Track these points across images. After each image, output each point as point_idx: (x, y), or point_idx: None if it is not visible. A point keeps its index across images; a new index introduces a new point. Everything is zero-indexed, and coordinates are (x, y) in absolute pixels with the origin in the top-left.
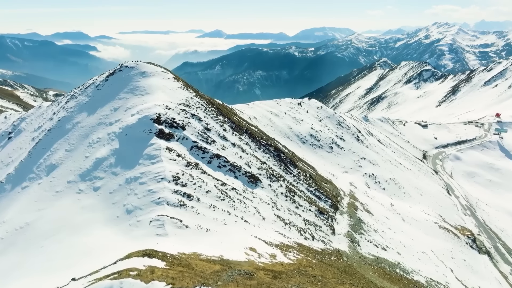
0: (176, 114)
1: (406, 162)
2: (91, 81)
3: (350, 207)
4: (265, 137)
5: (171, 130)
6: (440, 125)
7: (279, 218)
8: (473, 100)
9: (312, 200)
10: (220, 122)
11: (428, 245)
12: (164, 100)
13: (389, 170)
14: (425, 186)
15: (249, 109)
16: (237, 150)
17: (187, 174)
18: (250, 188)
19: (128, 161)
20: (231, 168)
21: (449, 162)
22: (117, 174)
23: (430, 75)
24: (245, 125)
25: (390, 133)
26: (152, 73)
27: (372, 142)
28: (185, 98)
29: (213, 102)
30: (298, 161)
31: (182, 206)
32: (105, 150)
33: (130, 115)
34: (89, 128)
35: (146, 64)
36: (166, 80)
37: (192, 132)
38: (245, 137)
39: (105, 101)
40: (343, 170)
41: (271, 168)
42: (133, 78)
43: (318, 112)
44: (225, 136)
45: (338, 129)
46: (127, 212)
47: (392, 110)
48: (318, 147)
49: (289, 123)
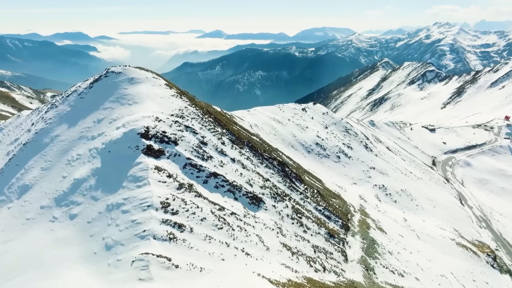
0: (167, 126)
1: (417, 171)
2: (74, 88)
3: (362, 225)
4: (268, 148)
5: (162, 146)
6: (448, 129)
7: (285, 247)
8: (479, 102)
9: (321, 221)
10: (218, 134)
11: (447, 267)
12: (154, 111)
13: (400, 181)
14: (437, 197)
15: (250, 115)
16: (237, 167)
17: (179, 199)
18: (252, 211)
19: (111, 184)
20: (230, 188)
21: (459, 169)
22: (97, 199)
23: (434, 76)
24: (246, 136)
25: (398, 138)
26: (142, 80)
27: (381, 149)
28: (178, 107)
29: (210, 111)
30: (304, 173)
31: (171, 240)
32: (85, 169)
33: (115, 128)
34: (68, 143)
35: (135, 69)
36: (157, 87)
37: (186, 147)
38: (246, 150)
39: (88, 112)
40: (352, 182)
41: (275, 185)
42: (120, 85)
43: (323, 118)
44: (223, 150)
45: (345, 137)
46: (106, 248)
47: (396, 112)
48: (325, 156)
49: (293, 130)
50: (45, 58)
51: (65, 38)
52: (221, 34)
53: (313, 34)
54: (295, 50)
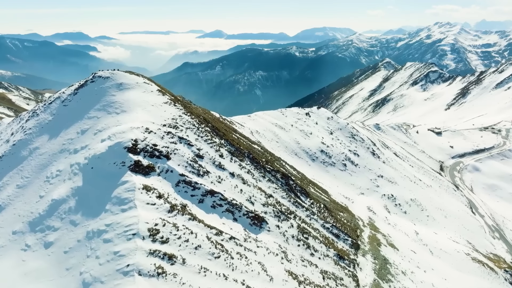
0: (158, 138)
1: (426, 178)
2: (57, 95)
3: (372, 242)
4: (270, 158)
5: (152, 161)
6: (455, 132)
7: (291, 276)
8: (484, 103)
9: (330, 241)
10: (215, 146)
11: (463, 286)
12: (144, 121)
13: (409, 189)
14: (448, 206)
15: (250, 121)
16: (237, 182)
17: (170, 224)
18: (253, 234)
19: (92, 206)
20: (229, 207)
21: (468, 174)
22: (76, 224)
23: (437, 76)
24: (247, 145)
25: (404, 142)
26: (132, 85)
27: (389, 156)
28: (172, 116)
29: (208, 119)
30: (309, 185)
31: (160, 275)
32: (64, 188)
33: (100, 141)
34: (48, 157)
35: (125, 73)
36: (148, 94)
37: (180, 161)
38: (246, 163)
39: (71, 121)
40: (359, 192)
41: (279, 202)
42: (107, 92)
43: (328, 123)
44: (221, 164)
45: (351, 143)
46: (83, 286)
47: (399, 113)
48: (330, 164)
49: (297, 137)
50: (45, 58)
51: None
52: (221, 34)
53: (313, 34)
54: (295, 50)
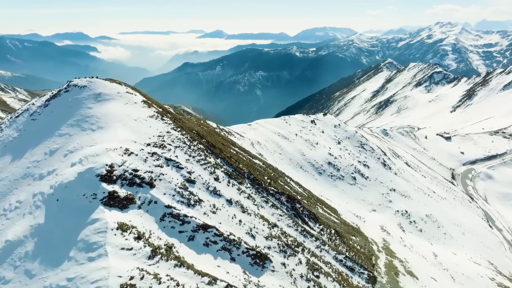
0: (140, 161)
1: (439, 189)
2: (26, 106)
3: (390, 271)
4: (274, 174)
5: (131, 191)
6: (464, 136)
7: None
8: (491, 105)
9: (343, 276)
10: (210, 167)
11: None
12: (124, 139)
13: (423, 204)
14: (465, 221)
15: (251, 131)
16: (235, 211)
17: (150, 276)
18: (254, 276)
19: (54, 251)
20: (226, 244)
21: (480, 182)
22: (32, 275)
23: (442, 77)
24: (247, 161)
25: (414, 149)
26: (112, 96)
27: (400, 166)
28: (158, 133)
29: (202, 134)
30: (316, 204)
31: None
32: (23, 226)
33: (70, 165)
34: (9, 183)
35: (105, 82)
36: (131, 106)
37: (166, 189)
38: (246, 185)
39: (39, 139)
40: (371, 208)
41: (284, 233)
42: (83, 103)
43: (335, 131)
44: (216, 189)
45: (360, 153)
46: None
47: (403, 115)
48: (339, 178)
49: (302, 148)
50: (45, 59)
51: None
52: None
53: (313, 34)
54: (296, 50)
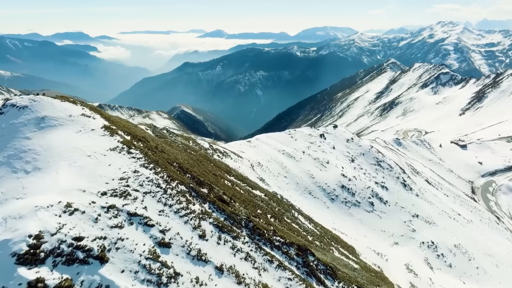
0: (88, 223)
1: (464, 210)
2: None
3: None
4: (278, 209)
5: (69, 273)
6: (481, 144)
7: None
8: (504, 108)
9: None
10: (194, 219)
11: None
12: (67, 188)
13: (450, 231)
14: (496, 249)
15: (251, 149)
16: (227, 283)
17: None
18: None
19: None
20: None
21: (503, 197)
22: None
23: (449, 78)
24: (245, 198)
25: (429, 160)
26: (60, 120)
27: (421, 185)
28: (121, 174)
29: (185, 167)
30: (331, 243)
31: None
32: None
33: None
34: None
35: (53, 100)
36: (85, 135)
37: (125, 263)
38: (244, 240)
39: None
40: (392, 241)
41: None
42: (19, 131)
43: (348, 146)
44: (201, 252)
45: (377, 172)
46: None
47: (409, 118)
48: (354, 205)
49: (310, 168)
50: (45, 58)
51: (65, 38)
52: (222, 34)
53: (314, 33)
54: (296, 49)
